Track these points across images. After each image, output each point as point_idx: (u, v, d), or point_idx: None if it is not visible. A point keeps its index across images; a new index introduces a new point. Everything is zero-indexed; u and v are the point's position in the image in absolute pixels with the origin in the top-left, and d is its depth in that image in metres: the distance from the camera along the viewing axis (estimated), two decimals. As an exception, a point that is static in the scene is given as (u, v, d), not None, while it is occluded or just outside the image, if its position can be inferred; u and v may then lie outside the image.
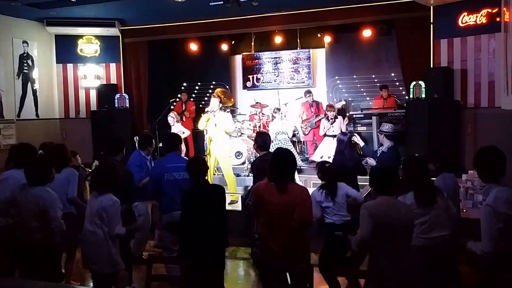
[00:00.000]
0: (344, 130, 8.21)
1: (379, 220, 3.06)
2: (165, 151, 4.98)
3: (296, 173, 7.16)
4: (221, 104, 7.71)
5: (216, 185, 4.18)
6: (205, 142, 7.62)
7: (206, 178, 4.30)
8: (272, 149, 7.79)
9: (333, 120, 8.35)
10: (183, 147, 7.91)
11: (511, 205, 3.03)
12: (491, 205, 3.04)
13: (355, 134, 6.43)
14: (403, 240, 3.12)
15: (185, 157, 5.87)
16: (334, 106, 8.62)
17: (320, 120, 8.89)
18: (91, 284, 4.35)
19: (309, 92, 9.43)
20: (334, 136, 7.59)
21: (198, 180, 3.99)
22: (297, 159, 6.18)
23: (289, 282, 3.65)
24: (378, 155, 5.83)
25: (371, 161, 5.91)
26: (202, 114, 7.63)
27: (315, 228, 4.49)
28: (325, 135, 8.46)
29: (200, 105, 10.45)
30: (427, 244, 3.48)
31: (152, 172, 4.97)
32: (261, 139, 5.36)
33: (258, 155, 5.40)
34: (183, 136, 8.24)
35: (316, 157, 8.29)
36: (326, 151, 8.06)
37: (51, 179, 4.13)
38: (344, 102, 9.62)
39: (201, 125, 7.50)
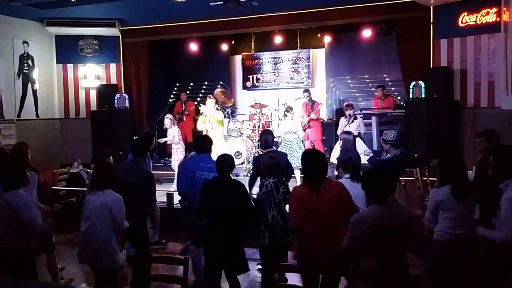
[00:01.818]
0: (362, 132, 8.07)
1: (367, 230, 2.98)
2: (199, 151, 5.08)
3: (298, 171, 7.14)
4: (216, 105, 7.78)
5: (238, 181, 4.35)
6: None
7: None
8: (281, 149, 7.81)
9: (351, 119, 8.06)
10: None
11: None
12: None
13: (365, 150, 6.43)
14: (396, 245, 3.02)
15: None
16: (352, 105, 8.36)
17: (311, 119, 8.83)
18: (90, 283, 4.36)
19: (306, 91, 9.38)
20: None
21: (223, 175, 4.19)
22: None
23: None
24: (381, 159, 5.76)
25: (385, 146, 5.72)
26: (196, 116, 7.71)
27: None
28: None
29: (200, 105, 10.45)
30: (451, 240, 3.52)
31: (185, 167, 5.08)
32: (264, 138, 5.58)
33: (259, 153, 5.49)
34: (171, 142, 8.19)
35: (333, 158, 8.19)
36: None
37: (24, 183, 4.02)
38: (345, 103, 9.53)
39: (199, 126, 7.61)
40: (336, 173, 5.67)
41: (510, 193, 3.25)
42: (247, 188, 4.86)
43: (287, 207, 4.22)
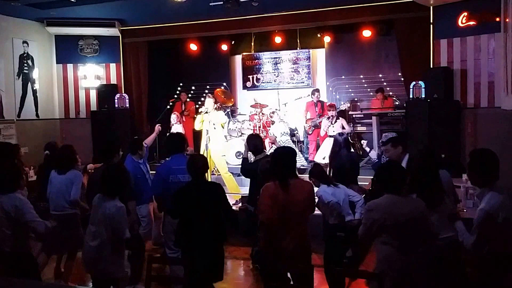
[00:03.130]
0: (348, 130, 8.17)
1: (382, 218, 3.08)
2: (170, 153, 4.96)
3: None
4: (215, 105, 7.76)
5: (213, 183, 4.20)
6: (205, 143, 7.62)
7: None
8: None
9: (334, 119, 8.32)
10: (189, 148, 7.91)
11: (506, 209, 3.10)
12: (487, 210, 3.10)
13: (362, 141, 6.35)
14: (410, 237, 3.12)
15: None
16: (334, 106, 8.61)
17: (321, 120, 8.90)
18: (91, 285, 4.35)
19: (316, 90, 9.43)
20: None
21: (195, 177, 4.02)
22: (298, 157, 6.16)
23: (291, 282, 3.67)
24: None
25: (373, 154, 5.82)
26: (195, 116, 7.69)
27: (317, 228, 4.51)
28: (326, 135, 8.45)
29: (200, 105, 10.46)
30: (435, 245, 3.43)
31: (158, 171, 4.97)
32: (252, 143, 5.34)
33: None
34: None
35: (318, 158, 8.28)
36: (327, 151, 8.06)
37: (21, 185, 3.99)
38: (348, 105, 9.57)
39: (196, 126, 7.57)
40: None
41: (482, 205, 3.17)
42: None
43: None
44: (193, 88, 11.36)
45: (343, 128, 8.20)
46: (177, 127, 8.72)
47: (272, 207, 3.50)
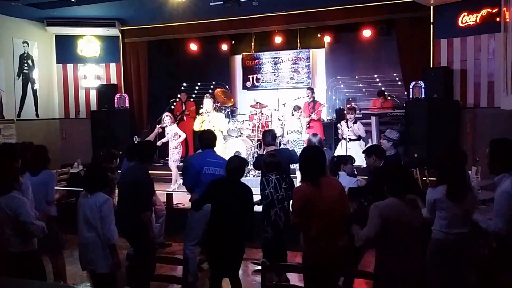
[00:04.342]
0: (363, 135, 8.09)
1: (389, 221, 3.08)
2: (203, 147, 5.07)
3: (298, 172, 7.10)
4: (215, 105, 7.74)
5: (246, 185, 4.27)
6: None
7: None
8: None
9: (352, 123, 8.04)
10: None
11: None
12: (509, 192, 3.21)
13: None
14: (413, 241, 3.13)
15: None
16: (354, 109, 8.32)
17: (312, 120, 8.83)
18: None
19: (310, 89, 9.36)
20: (354, 139, 7.87)
21: (231, 175, 4.15)
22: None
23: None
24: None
25: (386, 143, 5.53)
26: (196, 116, 7.65)
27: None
28: (343, 138, 8.17)
29: (200, 105, 10.44)
30: (447, 239, 3.49)
31: (191, 163, 5.03)
32: (265, 136, 5.59)
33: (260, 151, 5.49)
34: (178, 141, 8.17)
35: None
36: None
37: (16, 187, 3.89)
38: (355, 104, 9.48)
39: (196, 126, 7.56)
40: None
41: (504, 187, 3.27)
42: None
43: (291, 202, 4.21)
44: (193, 88, 11.36)
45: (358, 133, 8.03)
46: (172, 129, 8.21)
47: (305, 207, 3.44)
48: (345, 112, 8.43)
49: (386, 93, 9.58)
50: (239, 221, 4.00)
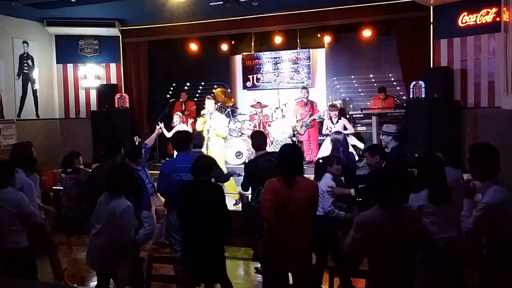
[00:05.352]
0: (351, 131, 8.18)
1: (372, 232, 2.93)
2: (177, 151, 4.96)
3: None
4: (216, 106, 7.72)
5: (213, 183, 4.14)
6: (206, 142, 7.61)
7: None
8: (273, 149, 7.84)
9: (336, 120, 8.29)
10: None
11: (509, 203, 3.11)
12: (490, 204, 3.11)
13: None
14: (403, 247, 2.96)
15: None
16: (336, 106, 8.55)
17: (314, 119, 8.88)
18: (92, 284, 4.35)
19: (304, 88, 9.37)
20: None
21: (196, 177, 4.00)
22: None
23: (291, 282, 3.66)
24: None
25: (386, 138, 5.62)
26: (197, 118, 7.65)
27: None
28: (315, 136, 8.45)
29: (201, 106, 10.44)
30: (440, 245, 3.36)
31: (162, 169, 4.97)
32: (256, 140, 5.36)
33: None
34: None
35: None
36: (328, 151, 8.03)
37: (11, 183, 3.96)
38: (340, 101, 9.53)
39: (198, 128, 7.54)
40: None
41: (486, 198, 3.16)
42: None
43: None
44: (193, 88, 11.35)
45: (345, 128, 8.18)
46: (181, 127, 8.54)
47: (274, 202, 3.45)
48: (328, 110, 8.62)
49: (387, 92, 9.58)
50: (214, 224, 3.86)
